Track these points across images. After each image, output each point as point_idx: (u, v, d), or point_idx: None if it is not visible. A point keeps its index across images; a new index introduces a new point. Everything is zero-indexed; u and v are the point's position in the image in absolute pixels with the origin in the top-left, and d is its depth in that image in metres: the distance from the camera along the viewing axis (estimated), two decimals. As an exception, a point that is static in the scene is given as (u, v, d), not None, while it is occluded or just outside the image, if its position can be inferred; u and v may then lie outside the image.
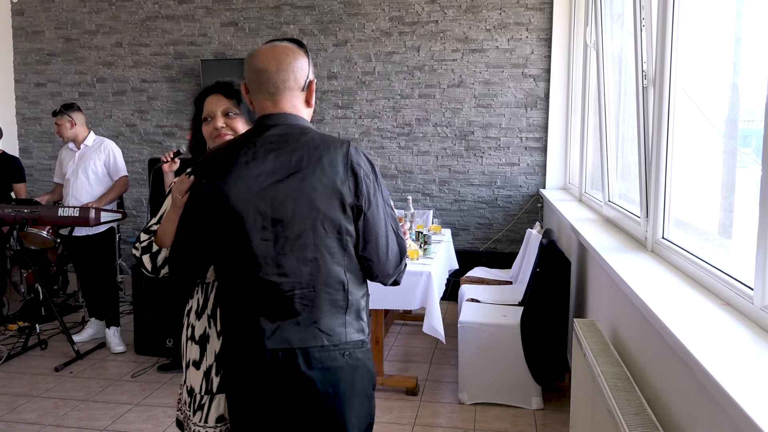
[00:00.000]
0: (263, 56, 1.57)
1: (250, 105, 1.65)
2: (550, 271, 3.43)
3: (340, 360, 1.56)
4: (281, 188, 1.52)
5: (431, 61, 5.72)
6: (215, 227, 1.56)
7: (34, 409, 3.51)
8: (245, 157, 1.54)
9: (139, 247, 1.78)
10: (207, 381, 1.78)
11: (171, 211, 1.70)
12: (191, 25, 6.09)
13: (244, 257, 1.53)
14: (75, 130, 4.38)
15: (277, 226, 1.52)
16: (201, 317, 1.79)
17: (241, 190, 1.52)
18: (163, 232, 1.73)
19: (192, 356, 1.80)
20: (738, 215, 2.14)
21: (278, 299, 1.53)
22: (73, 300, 5.43)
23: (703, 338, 1.51)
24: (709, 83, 2.40)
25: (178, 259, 1.66)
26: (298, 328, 1.53)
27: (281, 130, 1.57)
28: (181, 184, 1.66)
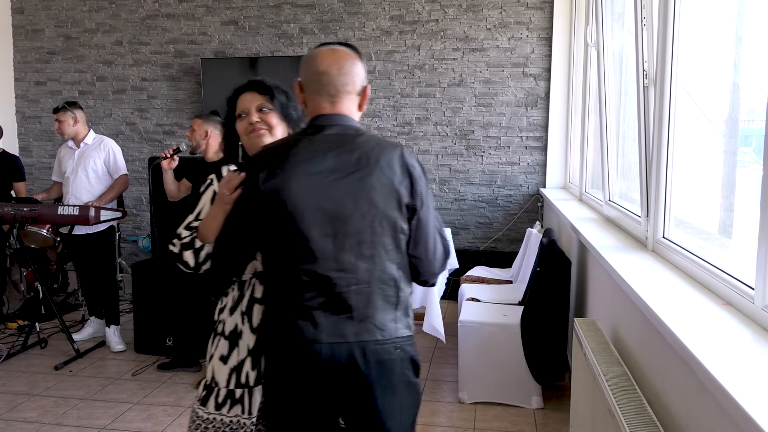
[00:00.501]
0: (325, 59, 1.63)
1: (302, 104, 1.70)
2: (550, 271, 3.43)
3: (393, 353, 1.62)
4: (342, 186, 1.57)
5: (431, 60, 5.72)
6: (272, 222, 1.59)
7: (34, 407, 3.51)
8: (305, 155, 1.58)
9: (179, 244, 1.79)
10: (238, 375, 1.81)
11: (216, 207, 1.73)
12: (191, 24, 6.09)
13: (302, 252, 1.57)
14: (76, 127, 4.38)
15: (336, 223, 1.57)
16: (233, 313, 1.83)
17: (302, 187, 1.56)
18: (206, 228, 1.76)
19: (220, 351, 1.83)
20: (738, 215, 2.14)
21: (335, 294, 1.57)
22: (73, 298, 5.43)
23: (704, 338, 1.50)
24: (710, 83, 2.40)
25: (224, 254, 1.69)
26: (352, 323, 1.58)
27: (338, 130, 1.62)
28: (230, 181, 1.69)
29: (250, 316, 1.82)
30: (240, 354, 1.81)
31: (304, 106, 1.70)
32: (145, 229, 6.29)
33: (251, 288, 1.83)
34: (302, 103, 1.69)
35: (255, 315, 1.82)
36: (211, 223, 1.74)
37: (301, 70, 1.67)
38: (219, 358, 1.83)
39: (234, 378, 1.81)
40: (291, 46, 5.92)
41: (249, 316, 1.82)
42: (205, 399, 1.85)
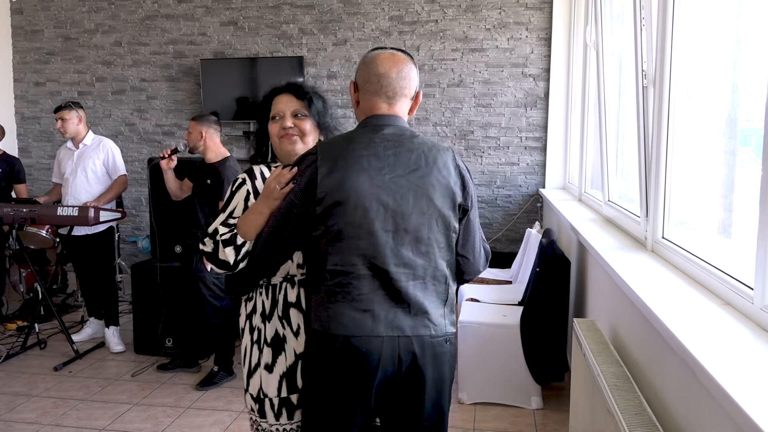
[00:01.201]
0: (386, 62, 1.70)
1: (355, 103, 1.76)
2: (549, 271, 3.43)
3: (444, 347, 1.70)
4: (403, 183, 1.63)
5: (431, 61, 5.72)
6: (332, 216, 1.61)
7: (33, 408, 3.50)
8: (366, 151, 1.64)
9: (218, 240, 1.74)
10: (290, 381, 1.77)
11: (262, 203, 1.71)
12: (191, 25, 6.09)
13: (364, 246, 1.61)
14: (79, 126, 4.40)
15: (397, 219, 1.63)
16: (271, 319, 1.80)
17: (365, 182, 1.61)
18: (248, 224, 1.72)
19: (265, 360, 1.79)
20: (738, 215, 2.14)
21: (393, 288, 1.62)
22: (73, 299, 5.43)
23: (703, 338, 1.50)
24: (709, 83, 2.39)
25: (270, 250, 1.70)
26: (408, 317, 1.64)
27: (394, 130, 1.69)
28: (281, 176, 1.68)
29: (289, 321, 1.79)
30: (288, 359, 1.77)
31: (356, 105, 1.76)
32: (145, 229, 6.29)
33: (284, 292, 1.80)
34: (356, 102, 1.75)
35: (293, 319, 1.79)
36: (255, 219, 1.71)
37: (359, 71, 1.74)
38: (264, 367, 1.79)
39: (285, 385, 1.77)
40: (290, 47, 5.92)
41: (287, 320, 1.79)
42: (261, 411, 1.81)
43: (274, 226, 1.67)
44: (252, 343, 1.83)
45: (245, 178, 1.86)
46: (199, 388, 3.76)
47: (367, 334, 1.60)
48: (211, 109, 5.57)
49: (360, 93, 1.73)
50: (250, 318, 1.84)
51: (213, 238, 1.76)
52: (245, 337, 1.86)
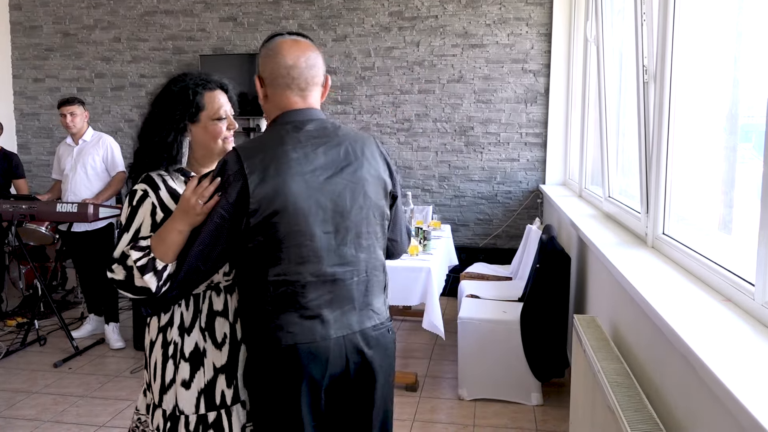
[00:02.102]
0: (291, 52, 1.59)
1: (263, 99, 1.64)
2: (550, 267, 3.42)
3: (387, 336, 1.70)
4: (338, 181, 1.58)
5: (431, 57, 5.71)
6: (268, 227, 1.51)
7: (33, 405, 3.50)
8: (296, 153, 1.55)
9: (125, 268, 1.56)
10: (209, 397, 1.65)
11: (179, 221, 1.55)
12: (190, 20, 6.07)
13: (306, 253, 1.55)
14: (85, 122, 4.40)
15: (337, 218, 1.58)
16: (191, 332, 1.66)
17: (300, 187, 1.53)
18: (166, 246, 1.55)
19: (182, 376, 1.65)
20: (738, 211, 2.13)
21: (339, 289, 1.59)
22: (72, 296, 5.43)
23: (704, 334, 1.50)
24: (710, 78, 2.39)
25: (199, 269, 1.55)
26: (355, 312, 1.62)
27: (316, 125, 1.61)
28: (202, 189, 1.54)
29: (212, 332, 1.66)
30: (207, 374, 1.65)
31: (265, 100, 1.63)
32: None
33: (208, 301, 1.67)
34: (264, 96, 1.63)
35: (217, 329, 1.67)
36: (174, 239, 1.55)
37: (263, 63, 1.61)
38: (181, 383, 1.65)
39: (203, 401, 1.65)
40: (290, 43, 5.90)
41: (211, 331, 1.66)
42: (172, 429, 1.66)
43: (204, 243, 1.53)
44: (167, 357, 1.67)
45: (146, 190, 1.66)
46: None
47: (316, 339, 1.57)
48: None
49: (268, 87, 1.61)
50: (164, 331, 1.68)
51: (123, 264, 1.57)
52: (156, 350, 1.69)
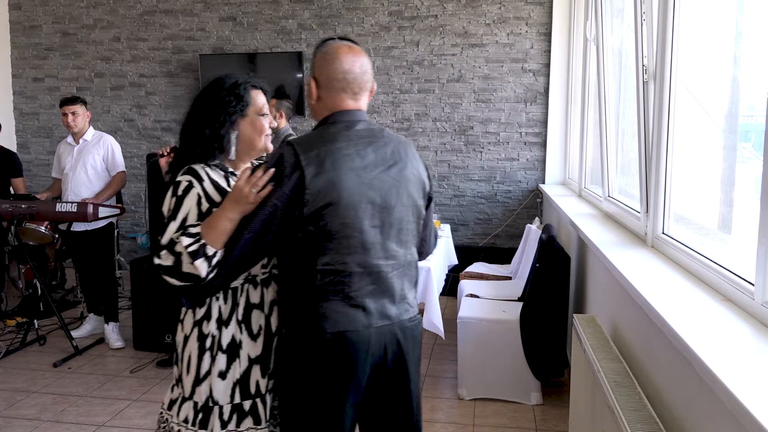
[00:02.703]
0: (348, 57, 1.70)
1: (315, 99, 1.73)
2: (549, 267, 3.42)
3: (418, 329, 1.80)
4: (385, 178, 1.68)
5: (430, 56, 5.71)
6: (319, 217, 1.60)
7: (33, 404, 3.50)
8: (348, 150, 1.65)
9: (182, 252, 1.60)
10: (244, 387, 1.72)
11: (231, 209, 1.61)
12: (189, 20, 6.07)
13: (355, 244, 1.64)
14: (86, 122, 4.40)
15: (383, 214, 1.67)
16: (228, 325, 1.73)
17: (353, 181, 1.62)
18: (217, 233, 1.60)
19: (218, 367, 1.72)
20: (738, 210, 2.13)
21: (382, 281, 1.69)
22: (72, 295, 5.42)
23: (704, 334, 1.50)
24: (710, 78, 2.39)
25: (244, 257, 1.62)
26: (394, 304, 1.72)
27: (365, 125, 1.72)
28: (255, 178, 1.60)
29: (249, 324, 1.74)
30: (242, 365, 1.73)
31: (317, 100, 1.72)
32: (144, 225, 6.28)
33: (245, 294, 1.75)
34: (317, 98, 1.72)
35: (253, 322, 1.75)
36: (225, 227, 1.61)
37: (319, 67, 1.72)
38: (217, 374, 1.72)
39: (239, 391, 1.73)
40: (289, 42, 5.91)
41: (247, 323, 1.74)
42: (203, 421, 1.73)
43: (255, 231, 1.60)
44: (203, 350, 1.73)
45: (191, 180, 1.72)
46: None
47: (360, 328, 1.65)
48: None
49: (323, 90, 1.71)
50: (200, 325, 1.74)
51: (171, 250, 1.62)
52: (191, 344, 1.75)
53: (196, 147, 1.77)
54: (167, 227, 1.67)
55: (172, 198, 1.71)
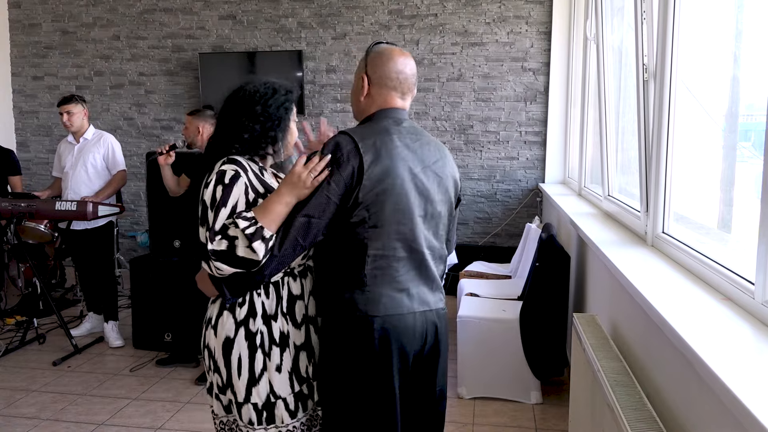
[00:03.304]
0: (401, 59, 1.81)
1: (366, 95, 1.82)
2: (549, 266, 3.42)
3: (446, 318, 1.88)
4: (430, 173, 1.79)
5: (430, 55, 5.70)
6: (375, 204, 1.68)
7: (32, 403, 3.50)
8: (400, 142, 1.75)
9: (238, 236, 1.61)
10: (297, 374, 1.78)
11: (288, 193, 1.66)
12: (189, 18, 6.06)
13: (404, 231, 1.73)
14: (84, 120, 4.40)
15: (428, 205, 1.78)
16: (276, 319, 1.76)
17: (405, 171, 1.72)
18: (272, 217, 1.65)
19: (274, 362, 1.74)
20: (738, 209, 2.13)
21: (424, 268, 1.78)
22: (71, 294, 5.42)
23: (704, 333, 1.50)
24: (710, 77, 2.39)
25: (296, 244, 1.67)
26: (431, 293, 1.81)
27: (410, 124, 1.83)
28: (313, 164, 1.66)
29: (293, 315, 1.79)
30: (292, 354, 1.77)
31: (367, 96, 1.82)
32: (144, 224, 6.28)
33: (287, 287, 1.79)
34: (366, 94, 1.81)
35: (297, 312, 1.79)
36: (280, 211, 1.66)
37: (373, 65, 1.81)
38: (275, 369, 1.75)
39: (295, 379, 1.78)
40: (289, 41, 5.90)
41: (291, 314, 1.78)
42: (269, 417, 1.75)
43: (310, 215, 1.66)
44: (254, 348, 1.74)
45: (237, 170, 1.75)
46: (198, 383, 3.76)
47: (405, 312, 1.73)
48: (209, 103, 5.55)
49: (374, 86, 1.80)
50: (246, 324, 1.75)
51: (225, 235, 1.63)
52: (238, 345, 1.75)
53: (239, 140, 1.81)
54: (216, 214, 1.67)
55: (217, 186, 1.71)
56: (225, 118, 1.86)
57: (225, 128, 1.84)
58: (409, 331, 1.73)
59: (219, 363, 1.77)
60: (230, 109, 1.86)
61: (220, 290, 1.73)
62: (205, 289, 1.80)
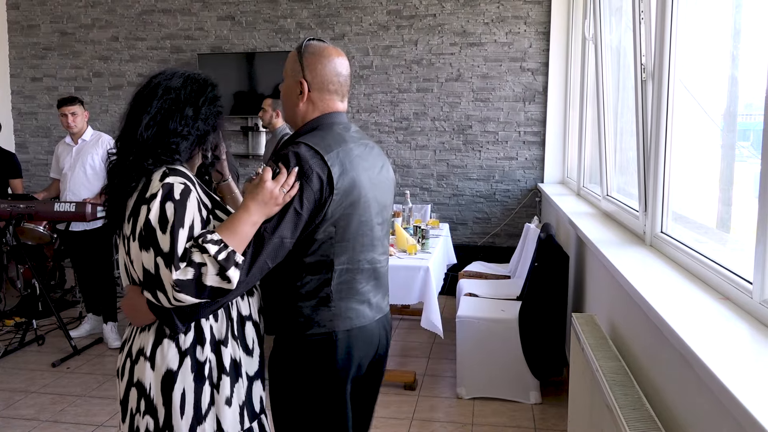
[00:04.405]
0: (338, 60, 1.70)
1: (304, 101, 1.67)
2: (548, 266, 3.42)
3: (390, 320, 1.87)
4: (381, 179, 1.74)
5: (429, 55, 5.70)
6: (344, 217, 1.60)
7: (31, 404, 3.50)
8: (357, 150, 1.67)
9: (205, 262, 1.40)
10: (250, 408, 1.58)
11: (257, 212, 1.47)
12: (187, 19, 6.06)
13: (366, 242, 1.68)
14: (85, 122, 4.40)
15: (383, 212, 1.74)
16: (227, 344, 1.55)
17: (366, 180, 1.66)
18: (239, 239, 1.45)
19: (223, 394, 1.52)
20: (736, 209, 2.13)
21: (380, 275, 1.76)
22: (70, 295, 5.42)
23: (702, 333, 1.50)
24: (708, 76, 2.39)
25: (264, 267, 1.51)
26: (383, 299, 1.79)
27: (354, 128, 1.75)
28: (283, 178, 1.50)
29: (243, 339, 1.58)
30: (244, 384, 1.57)
31: (306, 101, 1.67)
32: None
33: (236, 307, 1.59)
34: (306, 100, 1.67)
35: (247, 335, 1.60)
36: (248, 232, 1.46)
37: (311, 68, 1.66)
38: (224, 402, 1.53)
39: (246, 413, 1.57)
40: (288, 41, 5.90)
41: (242, 338, 1.58)
42: None
43: (284, 236, 1.51)
44: (201, 380, 1.51)
45: (186, 183, 1.50)
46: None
47: (367, 323, 1.69)
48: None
49: (314, 91, 1.66)
50: (191, 353, 1.50)
51: (189, 261, 1.41)
52: (183, 379, 1.50)
53: (164, 146, 1.53)
54: (174, 237, 1.42)
55: (165, 202, 1.45)
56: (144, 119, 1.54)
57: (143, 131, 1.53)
58: (368, 341, 1.69)
59: (155, 401, 1.50)
60: (143, 104, 1.56)
61: (167, 320, 1.48)
62: (138, 319, 1.53)
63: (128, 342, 1.58)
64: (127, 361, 1.56)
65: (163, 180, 1.48)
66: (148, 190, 1.48)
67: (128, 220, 1.51)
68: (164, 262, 1.41)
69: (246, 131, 6.03)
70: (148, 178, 1.50)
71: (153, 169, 1.51)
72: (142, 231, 1.46)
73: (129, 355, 1.56)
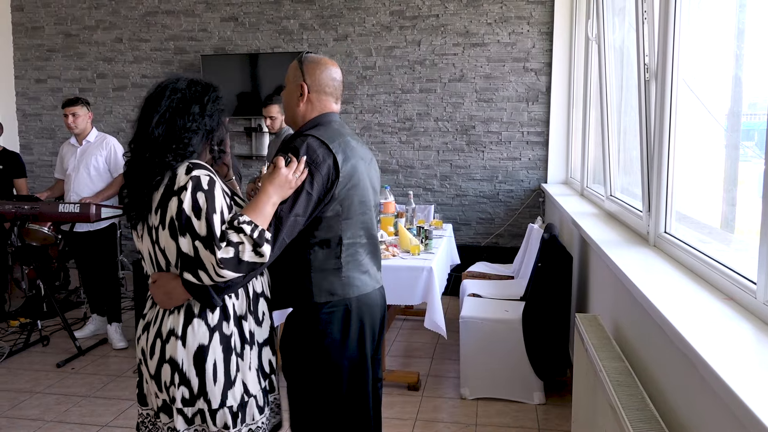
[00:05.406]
0: (333, 68, 1.99)
1: (304, 102, 1.94)
2: (551, 266, 3.42)
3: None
4: (372, 168, 2.04)
5: (432, 56, 5.70)
6: (347, 198, 1.87)
7: (36, 405, 3.51)
8: (353, 142, 1.94)
9: (242, 240, 1.61)
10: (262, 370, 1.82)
11: (275, 194, 1.71)
12: (191, 20, 6.08)
13: (365, 220, 1.95)
14: (88, 123, 4.41)
15: (375, 196, 2.04)
16: (246, 318, 1.78)
17: (362, 167, 1.94)
18: (264, 218, 1.69)
19: (246, 361, 1.76)
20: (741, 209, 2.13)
21: (376, 250, 2.02)
22: (75, 296, 5.43)
23: (706, 333, 1.50)
24: (712, 76, 2.38)
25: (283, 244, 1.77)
26: (377, 271, 2.04)
27: (347, 127, 2.02)
28: (295, 165, 1.75)
29: (256, 312, 1.81)
30: (254, 350, 1.79)
31: (306, 103, 1.95)
32: (147, 226, 6.29)
33: (251, 285, 1.80)
34: (305, 101, 1.94)
35: (259, 309, 1.83)
36: (269, 212, 1.71)
37: (310, 73, 1.95)
38: (248, 368, 1.76)
39: (260, 375, 1.81)
40: (291, 42, 5.91)
41: (255, 312, 1.81)
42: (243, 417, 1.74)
43: (299, 214, 1.77)
44: (229, 351, 1.72)
45: (211, 175, 1.69)
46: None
47: (370, 290, 1.95)
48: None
49: (313, 93, 1.95)
50: (219, 328, 1.71)
51: (228, 241, 1.60)
52: (214, 352, 1.70)
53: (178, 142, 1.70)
54: (210, 221, 1.61)
55: (196, 193, 1.63)
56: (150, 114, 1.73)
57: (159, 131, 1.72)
58: (375, 307, 1.97)
59: (189, 374, 1.70)
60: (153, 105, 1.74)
61: (204, 296, 1.67)
62: (171, 302, 1.71)
63: (153, 324, 1.76)
64: (157, 340, 1.74)
65: (190, 173, 1.66)
66: (175, 183, 1.66)
67: (155, 211, 1.68)
68: (203, 244, 1.60)
69: (249, 132, 6.04)
70: (174, 173, 1.68)
71: (175, 165, 1.69)
72: (174, 220, 1.64)
73: (158, 335, 1.74)
